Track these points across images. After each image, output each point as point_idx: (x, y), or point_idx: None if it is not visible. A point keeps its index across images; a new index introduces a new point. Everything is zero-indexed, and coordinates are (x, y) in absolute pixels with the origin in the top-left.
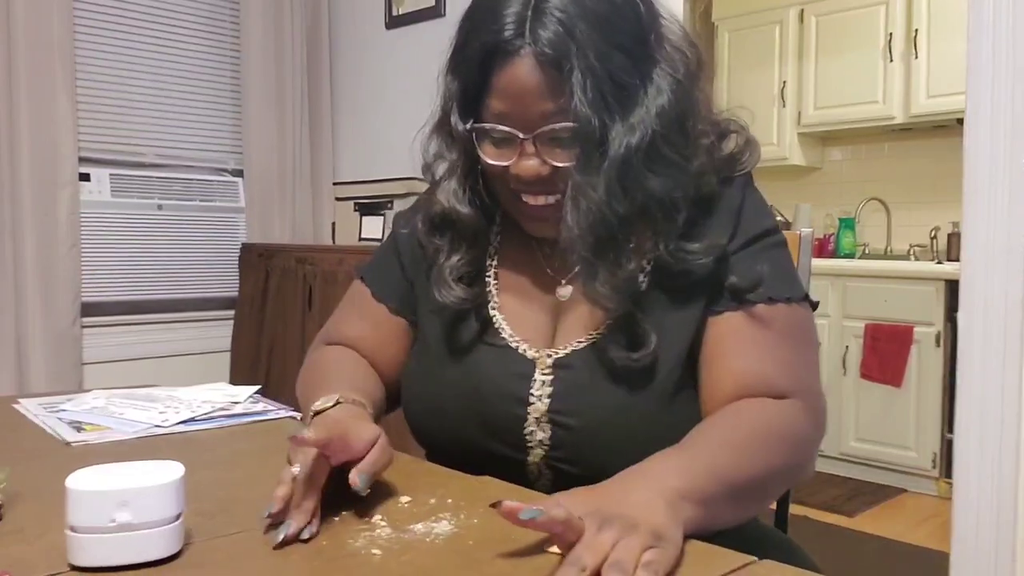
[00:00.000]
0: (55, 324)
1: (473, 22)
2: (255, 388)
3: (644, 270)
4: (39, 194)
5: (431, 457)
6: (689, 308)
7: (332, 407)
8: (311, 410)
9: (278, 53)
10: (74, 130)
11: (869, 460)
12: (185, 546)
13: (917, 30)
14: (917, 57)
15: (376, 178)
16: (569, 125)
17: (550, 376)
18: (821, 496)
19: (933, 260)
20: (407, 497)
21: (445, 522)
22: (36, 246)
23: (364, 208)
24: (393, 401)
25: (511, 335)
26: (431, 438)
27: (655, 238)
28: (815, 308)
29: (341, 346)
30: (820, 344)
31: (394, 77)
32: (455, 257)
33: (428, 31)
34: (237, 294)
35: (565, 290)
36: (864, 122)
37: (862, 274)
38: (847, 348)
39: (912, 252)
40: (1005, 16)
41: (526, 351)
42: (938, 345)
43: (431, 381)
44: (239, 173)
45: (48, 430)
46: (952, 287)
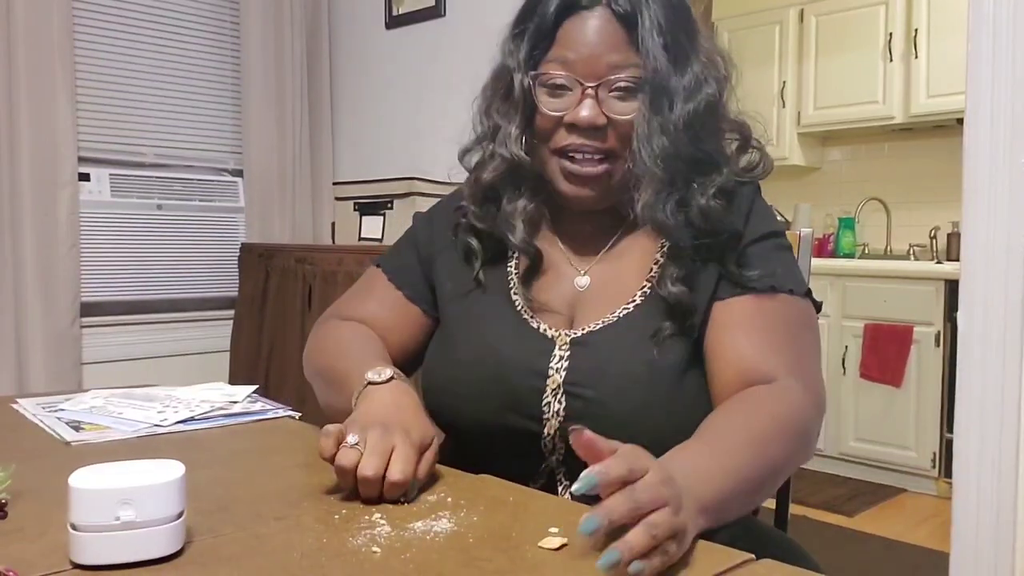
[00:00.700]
0: (54, 324)
1: None
2: (253, 388)
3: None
4: (39, 194)
5: (451, 441)
6: (700, 288)
7: (386, 383)
8: (365, 379)
9: (278, 53)
10: (74, 130)
11: (869, 460)
12: (186, 544)
13: (917, 30)
14: (917, 57)
15: (376, 178)
16: (637, 75)
17: (568, 352)
18: (821, 496)
19: (933, 260)
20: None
21: (445, 520)
22: (36, 246)
23: (364, 208)
24: None
25: (532, 317)
26: (451, 416)
27: (695, 190)
28: (819, 310)
29: (355, 322)
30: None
31: (394, 77)
32: (520, 201)
33: (428, 31)
34: (237, 294)
35: (583, 280)
36: (864, 122)
37: (862, 274)
38: (847, 348)
39: (912, 252)
40: (1005, 16)
41: (546, 331)
42: (938, 345)
43: (452, 360)
44: (239, 173)
45: (47, 430)
46: (952, 287)
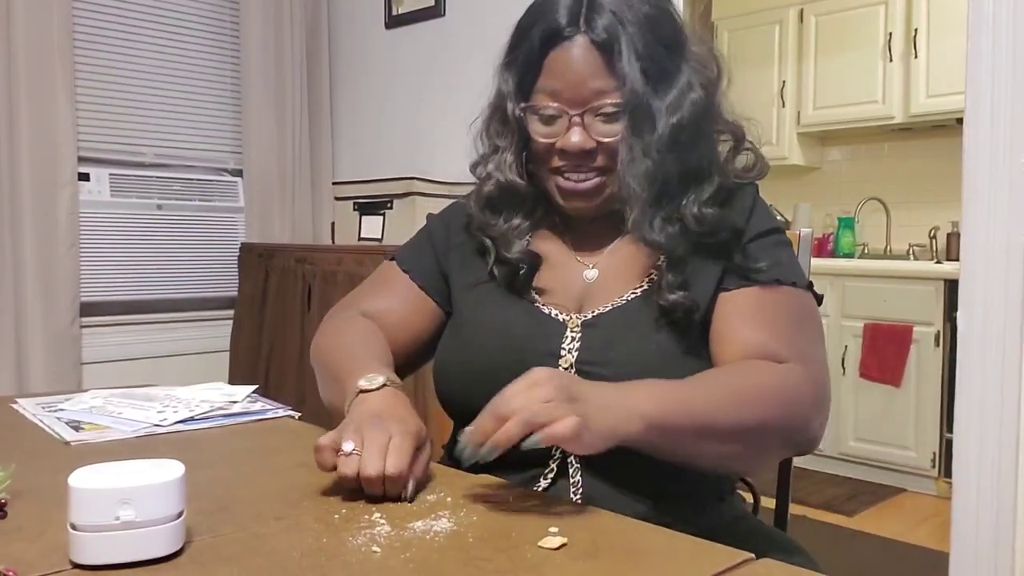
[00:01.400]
0: (54, 324)
1: (530, 18)
2: (253, 388)
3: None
4: (39, 194)
5: (459, 427)
6: (703, 283)
7: (377, 390)
8: (356, 387)
9: (278, 53)
10: (74, 130)
11: (868, 460)
12: (186, 544)
13: (917, 30)
14: (917, 57)
15: (375, 178)
16: (618, 100)
17: (579, 332)
18: (821, 496)
19: (932, 260)
20: None
21: (444, 520)
22: (35, 246)
23: (363, 208)
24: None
25: (543, 304)
26: (465, 399)
27: (687, 201)
28: (820, 302)
29: (365, 318)
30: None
31: (394, 77)
32: (515, 219)
33: (428, 31)
34: (236, 294)
35: (592, 272)
36: (863, 122)
37: (861, 274)
38: (846, 348)
39: (911, 252)
40: (1005, 15)
41: (558, 315)
42: (937, 345)
43: (466, 343)
44: (239, 173)
45: (47, 429)
46: (951, 287)
